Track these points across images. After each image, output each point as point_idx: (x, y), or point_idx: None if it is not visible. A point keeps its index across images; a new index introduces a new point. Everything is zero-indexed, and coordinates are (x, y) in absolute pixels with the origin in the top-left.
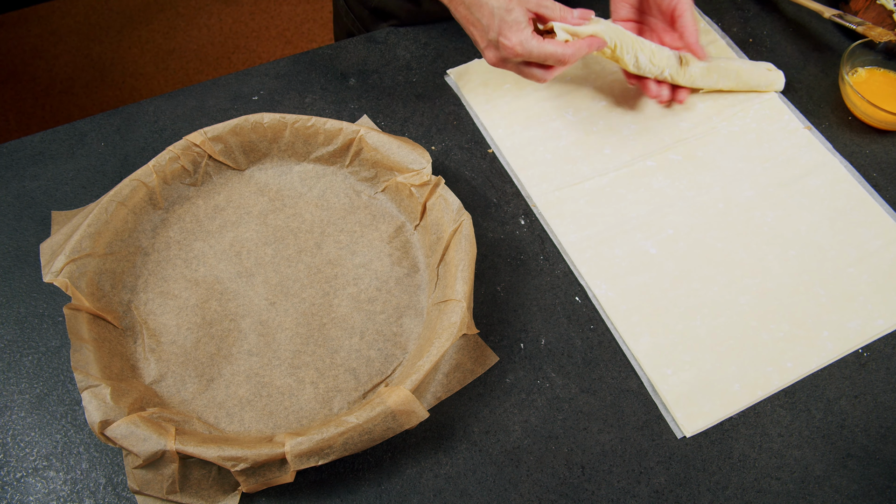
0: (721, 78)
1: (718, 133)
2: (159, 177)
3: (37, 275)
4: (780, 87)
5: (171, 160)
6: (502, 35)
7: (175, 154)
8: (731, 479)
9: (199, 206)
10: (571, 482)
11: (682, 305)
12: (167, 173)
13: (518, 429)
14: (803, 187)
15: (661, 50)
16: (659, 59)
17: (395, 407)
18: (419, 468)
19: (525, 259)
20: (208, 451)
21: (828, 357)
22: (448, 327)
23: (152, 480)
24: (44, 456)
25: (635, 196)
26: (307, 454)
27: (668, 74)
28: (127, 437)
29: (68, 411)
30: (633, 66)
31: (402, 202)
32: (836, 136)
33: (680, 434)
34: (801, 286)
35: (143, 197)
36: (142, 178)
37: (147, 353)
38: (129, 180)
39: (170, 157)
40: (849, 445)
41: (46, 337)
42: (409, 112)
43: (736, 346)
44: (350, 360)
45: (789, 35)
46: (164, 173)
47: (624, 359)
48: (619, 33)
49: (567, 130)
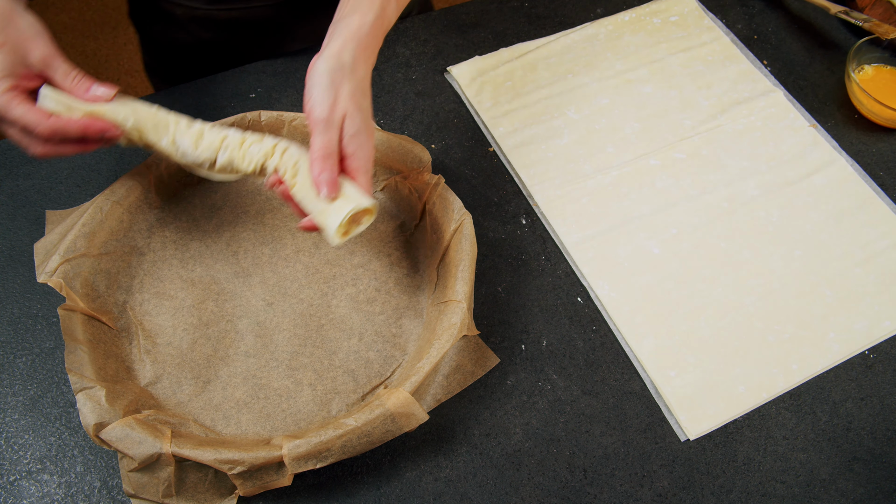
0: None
1: (723, 131)
2: (155, 175)
3: (31, 275)
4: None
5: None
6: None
7: None
8: (736, 483)
9: (196, 205)
10: (573, 486)
11: (685, 306)
12: (163, 172)
13: (519, 431)
14: (809, 186)
15: (220, 131)
16: (210, 141)
17: (394, 409)
18: (419, 471)
19: (526, 259)
20: (205, 453)
21: (834, 359)
22: (448, 328)
23: (148, 484)
24: (38, 459)
25: (638, 195)
26: (305, 457)
27: (225, 160)
28: (122, 440)
29: (62, 413)
30: (177, 155)
31: (401, 201)
32: (842, 134)
33: (683, 437)
34: (807, 287)
35: (138, 196)
36: (137, 176)
37: (142, 354)
38: (124, 179)
39: None
40: (855, 449)
41: (40, 338)
42: (409, 110)
43: (740, 348)
44: (349, 361)
45: (794, 32)
46: (160, 172)
47: (627, 360)
48: (148, 115)
49: (569, 128)
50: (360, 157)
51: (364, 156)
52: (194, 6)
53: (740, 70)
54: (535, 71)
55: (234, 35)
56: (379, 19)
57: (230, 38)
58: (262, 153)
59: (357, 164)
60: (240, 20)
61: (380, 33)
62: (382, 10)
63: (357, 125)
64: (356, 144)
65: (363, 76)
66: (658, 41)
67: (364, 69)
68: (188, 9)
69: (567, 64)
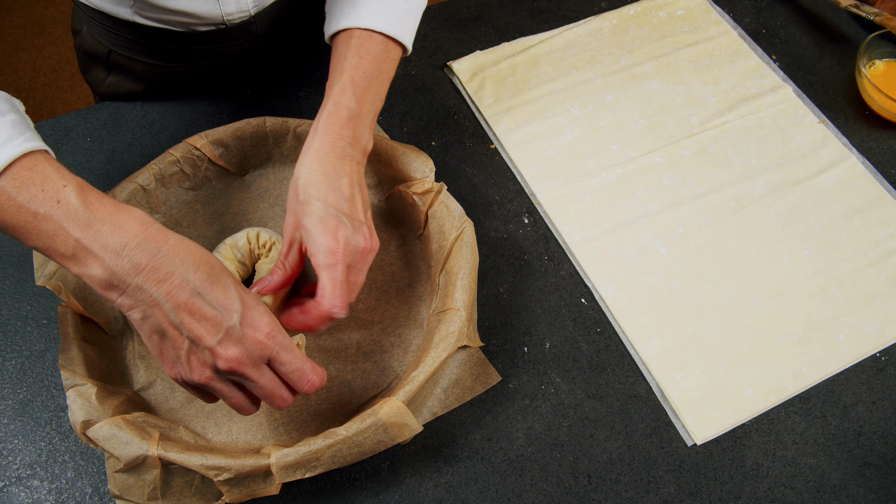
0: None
1: (731, 128)
2: (157, 180)
3: (21, 276)
4: None
5: (169, 163)
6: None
7: (174, 157)
8: (744, 489)
9: (198, 210)
10: (577, 492)
11: (692, 307)
12: (165, 177)
13: (521, 436)
14: (819, 184)
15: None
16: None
17: (386, 419)
18: (419, 477)
19: (529, 259)
20: (191, 458)
21: (844, 361)
22: (446, 337)
23: (133, 485)
24: (27, 464)
25: (644, 193)
26: (293, 466)
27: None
28: (109, 440)
29: (53, 418)
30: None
31: (404, 211)
32: (852, 130)
33: (690, 441)
34: (817, 287)
35: (139, 201)
36: (139, 181)
37: (136, 359)
38: (125, 183)
39: (169, 160)
40: (866, 453)
41: (30, 340)
42: (408, 106)
43: (749, 350)
44: (345, 371)
45: (804, 26)
46: (163, 177)
47: (632, 363)
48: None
49: (572, 125)
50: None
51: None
52: (156, 63)
53: (748, 65)
54: (538, 66)
55: (200, 84)
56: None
57: (194, 87)
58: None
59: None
60: (207, 72)
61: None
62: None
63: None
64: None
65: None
66: (664, 35)
67: (350, 165)
68: (150, 66)
69: (570, 59)
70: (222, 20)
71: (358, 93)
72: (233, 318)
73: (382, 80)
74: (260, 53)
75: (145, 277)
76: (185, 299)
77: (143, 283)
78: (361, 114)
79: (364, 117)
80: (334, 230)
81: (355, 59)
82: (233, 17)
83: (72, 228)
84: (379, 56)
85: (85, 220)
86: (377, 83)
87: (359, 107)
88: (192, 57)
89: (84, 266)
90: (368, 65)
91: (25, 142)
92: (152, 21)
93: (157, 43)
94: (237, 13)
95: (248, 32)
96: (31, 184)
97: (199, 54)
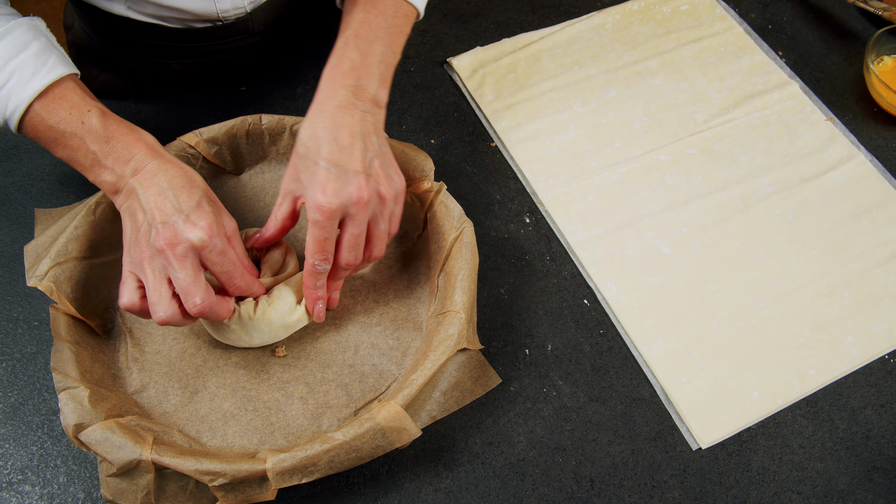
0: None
1: (736, 125)
2: None
3: (11, 277)
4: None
5: None
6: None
7: None
8: (750, 494)
9: None
10: (580, 497)
11: (697, 309)
12: None
13: (523, 440)
14: (826, 183)
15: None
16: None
17: (384, 423)
18: (418, 482)
19: (530, 259)
20: (185, 463)
21: (852, 364)
22: (445, 339)
23: (126, 490)
24: (19, 469)
25: (647, 192)
26: (289, 472)
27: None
28: (101, 444)
29: (45, 421)
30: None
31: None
32: (860, 128)
33: (695, 445)
34: (824, 288)
35: None
36: None
37: (130, 362)
38: None
39: None
40: (875, 458)
41: (21, 343)
42: (407, 103)
43: (755, 352)
44: (342, 375)
45: (811, 21)
46: None
47: (636, 365)
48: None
49: (575, 123)
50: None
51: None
52: (150, 60)
53: (754, 61)
54: (540, 62)
55: (195, 81)
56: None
57: (189, 84)
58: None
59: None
60: (202, 70)
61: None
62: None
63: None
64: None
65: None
66: (668, 31)
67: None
68: (144, 63)
69: (573, 55)
70: (217, 16)
71: (362, 45)
72: (184, 212)
73: (393, 33)
74: (256, 50)
75: (138, 180)
76: (156, 192)
77: (135, 183)
78: (367, 64)
79: (371, 67)
80: (323, 184)
81: (362, 14)
82: (228, 13)
83: (92, 144)
84: (388, 11)
85: (104, 137)
86: (386, 35)
87: (363, 57)
88: (187, 54)
89: (98, 174)
90: (376, 19)
91: (50, 71)
92: (146, 17)
93: (151, 39)
94: (232, 10)
95: (245, 29)
96: (60, 108)
97: (195, 51)
